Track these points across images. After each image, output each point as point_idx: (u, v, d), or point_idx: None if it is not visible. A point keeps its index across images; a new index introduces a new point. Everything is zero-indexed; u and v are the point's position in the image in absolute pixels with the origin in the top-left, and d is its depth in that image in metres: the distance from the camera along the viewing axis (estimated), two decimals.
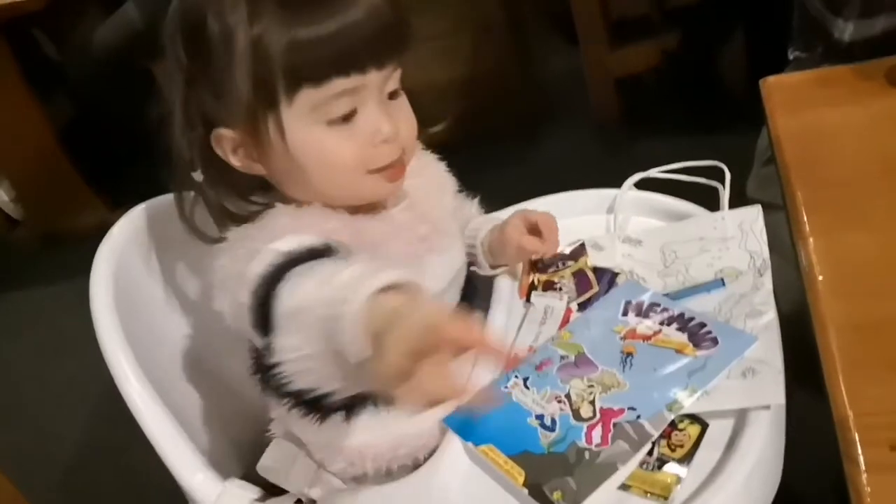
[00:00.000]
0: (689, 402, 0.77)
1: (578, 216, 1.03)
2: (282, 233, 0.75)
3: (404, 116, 0.82)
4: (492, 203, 1.07)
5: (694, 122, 2.12)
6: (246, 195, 0.82)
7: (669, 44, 2.26)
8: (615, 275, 0.94)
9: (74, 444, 1.93)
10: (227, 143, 0.79)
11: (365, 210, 0.83)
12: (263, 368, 0.82)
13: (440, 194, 0.92)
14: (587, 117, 2.38)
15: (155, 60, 2.41)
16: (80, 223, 2.47)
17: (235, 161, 0.80)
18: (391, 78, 0.79)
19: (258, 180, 0.82)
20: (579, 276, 0.95)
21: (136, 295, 0.91)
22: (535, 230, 0.95)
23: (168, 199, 0.96)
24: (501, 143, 2.29)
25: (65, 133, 2.66)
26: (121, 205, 0.99)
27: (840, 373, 0.70)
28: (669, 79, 2.28)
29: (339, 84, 0.74)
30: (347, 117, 0.76)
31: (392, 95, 0.80)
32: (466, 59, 2.35)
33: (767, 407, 0.76)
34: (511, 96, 2.38)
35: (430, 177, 0.92)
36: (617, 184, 1.06)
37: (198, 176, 0.81)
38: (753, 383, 0.77)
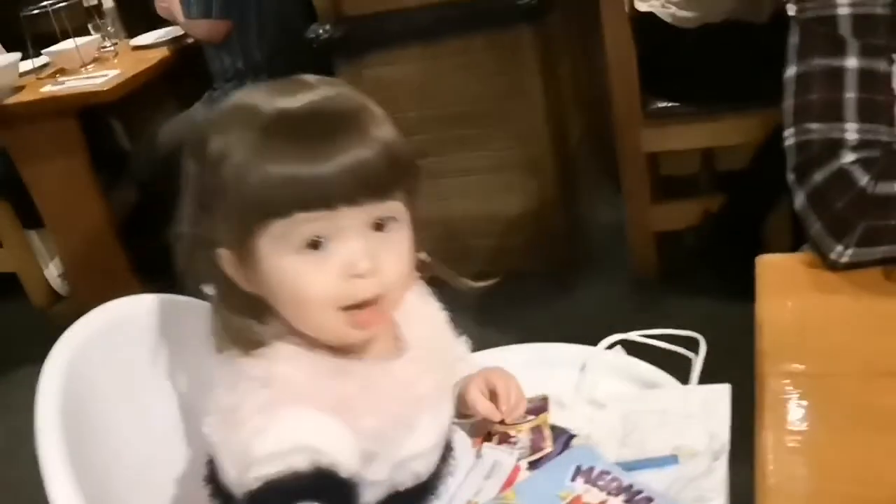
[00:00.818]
0: None
1: (550, 369, 1.01)
2: (292, 393, 0.73)
3: (392, 253, 0.76)
4: (509, 340, 1.07)
5: (729, 284, 2.08)
6: (256, 317, 0.79)
7: (713, 205, 2.24)
8: (572, 436, 0.90)
9: None
10: (228, 263, 0.78)
11: (368, 356, 0.79)
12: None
13: (444, 346, 0.88)
14: (624, 267, 2.36)
15: None
16: None
17: (238, 280, 0.78)
18: (380, 209, 0.75)
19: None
20: (536, 432, 0.91)
21: (87, 402, 0.90)
22: (494, 395, 0.91)
23: (133, 299, 0.98)
24: (533, 283, 2.28)
25: (124, 220, 2.75)
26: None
27: None
28: (710, 239, 2.25)
29: (303, 216, 0.72)
30: (314, 245, 0.73)
31: (381, 227, 0.75)
32: (510, 195, 2.37)
33: None
34: (551, 237, 2.39)
35: (433, 325, 0.88)
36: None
37: (208, 289, 0.81)
38: None
